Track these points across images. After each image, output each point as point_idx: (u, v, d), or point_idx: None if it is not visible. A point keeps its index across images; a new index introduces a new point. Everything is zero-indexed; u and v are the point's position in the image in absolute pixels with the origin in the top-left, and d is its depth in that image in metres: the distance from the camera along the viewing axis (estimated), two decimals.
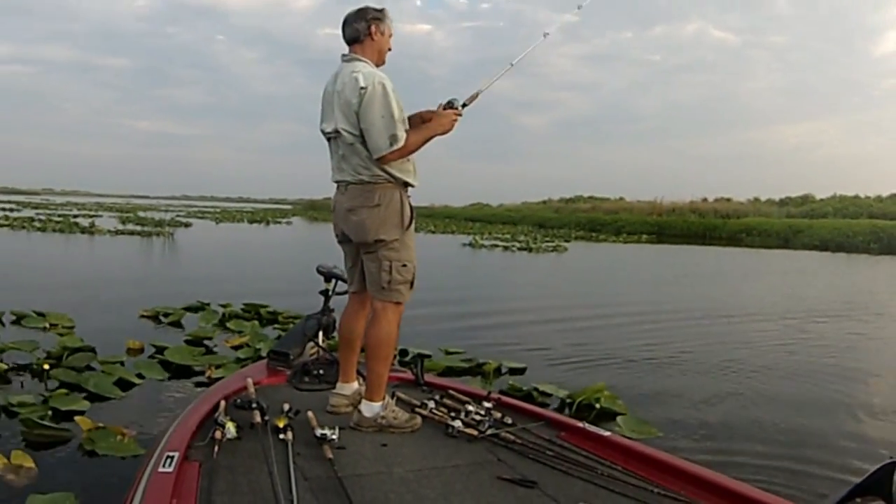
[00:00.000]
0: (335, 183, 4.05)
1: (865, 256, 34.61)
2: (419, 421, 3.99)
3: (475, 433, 3.83)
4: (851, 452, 5.63)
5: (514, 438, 3.76)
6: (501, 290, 17.06)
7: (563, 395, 6.70)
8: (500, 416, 4.06)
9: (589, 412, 6.21)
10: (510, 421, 4.02)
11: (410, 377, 4.82)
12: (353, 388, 4.23)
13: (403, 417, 3.94)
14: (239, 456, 3.35)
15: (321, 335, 5.09)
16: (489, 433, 3.82)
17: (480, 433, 3.82)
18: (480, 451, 3.68)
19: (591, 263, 26.97)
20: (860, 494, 2.36)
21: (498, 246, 32.39)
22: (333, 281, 5.14)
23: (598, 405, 6.34)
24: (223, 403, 3.80)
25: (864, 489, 2.36)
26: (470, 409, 4.11)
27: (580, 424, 4.00)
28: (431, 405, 4.18)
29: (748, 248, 39.17)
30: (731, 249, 36.82)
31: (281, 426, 3.56)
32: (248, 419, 3.65)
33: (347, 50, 4.03)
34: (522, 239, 37.73)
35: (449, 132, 3.99)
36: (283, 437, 3.50)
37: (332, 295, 5.18)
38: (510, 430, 3.88)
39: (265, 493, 2.95)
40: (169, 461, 3.06)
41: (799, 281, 21.89)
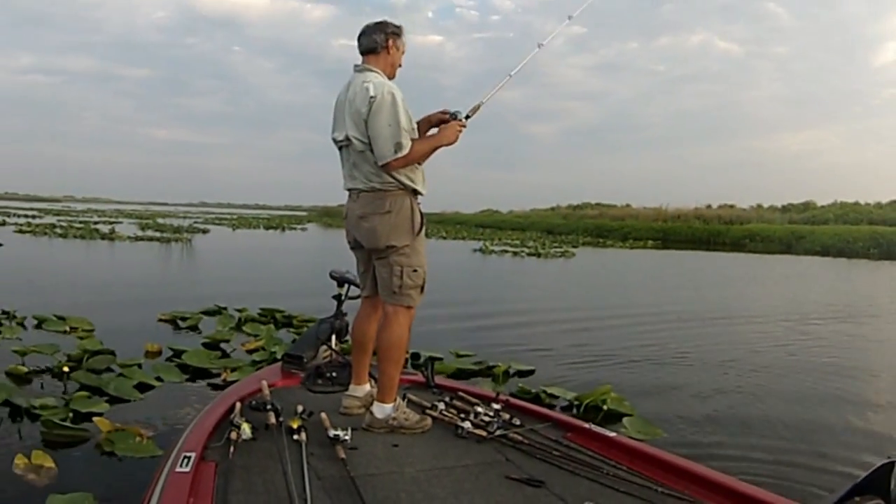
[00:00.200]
0: (347, 191, 4.06)
1: (865, 261, 34.52)
2: (429, 422, 3.99)
3: (484, 434, 3.82)
4: (853, 452, 5.61)
5: (521, 439, 3.75)
6: (511, 294, 17.02)
7: (570, 396, 6.69)
8: (508, 417, 4.05)
9: (596, 413, 6.19)
10: (518, 422, 4.02)
11: (421, 379, 4.81)
12: (365, 389, 4.23)
13: (414, 418, 3.94)
14: (254, 456, 3.35)
15: (334, 338, 5.08)
16: (498, 434, 3.81)
17: (489, 434, 3.81)
18: (489, 451, 3.68)
19: (598, 268, 26.88)
20: (859, 493, 2.34)
21: (508, 251, 32.35)
22: (346, 286, 5.14)
23: (604, 407, 6.32)
24: (238, 405, 3.81)
25: (863, 488, 2.35)
26: (479, 410, 4.10)
27: (586, 425, 3.99)
28: (441, 407, 4.17)
29: (751, 253, 39.04)
30: (734, 255, 36.72)
31: (295, 427, 3.56)
32: (262, 420, 3.65)
33: (361, 60, 4.05)
34: (531, 245, 37.69)
35: (454, 143, 4.01)
36: (297, 437, 3.50)
37: (344, 299, 5.18)
38: (518, 430, 3.87)
39: (280, 492, 2.95)
40: (186, 461, 3.06)
41: (801, 285, 21.82)
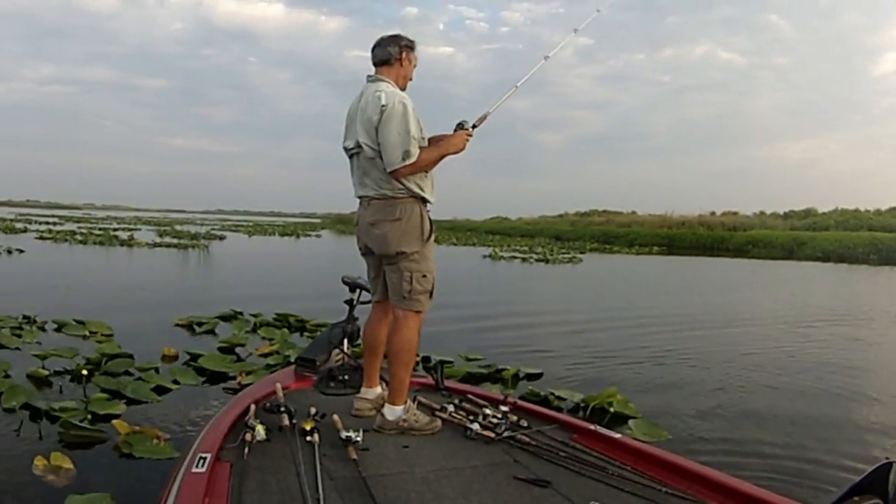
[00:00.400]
0: (358, 198, 4.08)
1: (865, 267, 34.36)
2: (439, 424, 4.00)
3: (492, 435, 3.82)
4: (854, 452, 5.59)
5: (529, 440, 3.75)
6: (520, 298, 16.99)
7: (577, 399, 6.67)
8: (515, 419, 4.06)
9: (602, 416, 6.17)
10: (525, 424, 4.02)
11: (431, 382, 4.82)
12: (376, 392, 4.24)
13: (424, 420, 3.95)
14: (268, 457, 3.35)
15: (346, 342, 5.09)
16: (505, 435, 3.81)
17: (497, 435, 3.82)
18: (497, 452, 3.68)
19: (604, 274, 26.85)
20: (858, 493, 2.33)
21: (516, 257, 32.32)
22: (358, 291, 5.14)
23: (611, 409, 6.30)
24: (253, 407, 3.81)
25: (861, 488, 2.34)
26: (487, 412, 4.11)
27: (592, 427, 3.99)
28: (451, 409, 4.19)
29: (754, 259, 38.93)
30: (738, 260, 36.59)
31: (308, 429, 3.57)
32: (276, 422, 3.66)
33: (374, 71, 4.08)
34: (540, 251, 37.64)
35: (461, 151, 4.03)
36: (309, 439, 3.51)
37: (356, 304, 5.19)
38: (525, 432, 3.87)
39: (293, 492, 2.96)
40: (202, 462, 3.07)
41: (803, 289, 21.73)
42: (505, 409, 4.18)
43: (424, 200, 3.97)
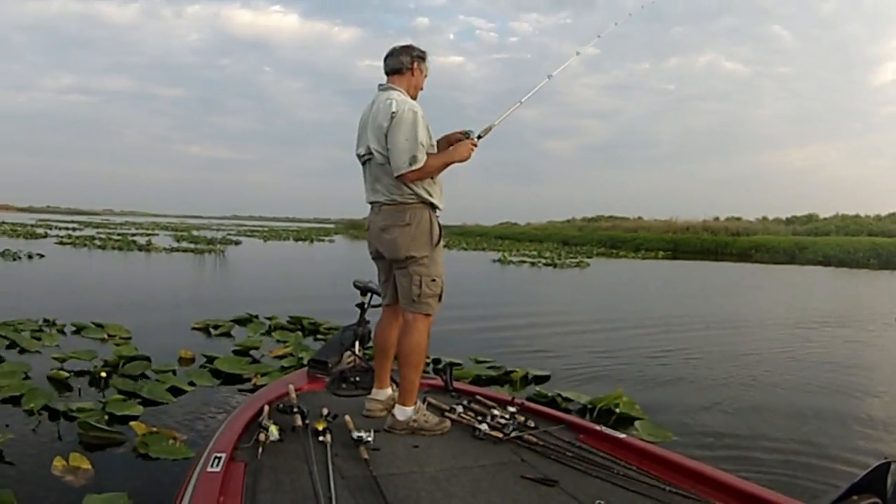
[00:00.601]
0: (369, 204, 4.09)
1: (866, 271, 34.30)
2: (448, 424, 3.99)
3: (500, 436, 3.81)
4: (854, 452, 5.58)
5: (536, 440, 3.74)
6: (528, 302, 16.98)
7: (584, 401, 6.66)
8: (523, 419, 4.05)
9: (609, 417, 6.16)
10: (533, 424, 4.01)
11: (440, 384, 4.81)
12: (387, 393, 4.24)
13: (434, 421, 3.94)
14: (281, 457, 3.35)
15: (357, 345, 5.09)
16: (513, 435, 3.80)
17: (505, 436, 3.81)
18: (505, 452, 3.67)
19: (611, 278, 26.79)
20: (857, 493, 2.32)
21: (525, 262, 32.30)
22: (369, 294, 5.14)
23: (617, 410, 6.29)
24: (267, 408, 3.81)
25: (860, 488, 2.33)
26: (495, 413, 4.09)
27: (598, 427, 3.98)
28: (460, 410, 4.18)
29: (757, 263, 38.84)
30: (741, 265, 36.52)
31: (320, 429, 3.56)
32: (289, 423, 3.66)
33: (385, 80, 4.09)
34: (548, 255, 37.60)
35: (467, 159, 4.04)
36: (322, 439, 3.50)
37: (367, 307, 5.18)
38: (533, 432, 3.86)
39: (306, 491, 2.95)
40: (217, 461, 3.07)
41: (804, 293, 21.66)
42: (512, 409, 4.16)
43: (433, 206, 3.97)
